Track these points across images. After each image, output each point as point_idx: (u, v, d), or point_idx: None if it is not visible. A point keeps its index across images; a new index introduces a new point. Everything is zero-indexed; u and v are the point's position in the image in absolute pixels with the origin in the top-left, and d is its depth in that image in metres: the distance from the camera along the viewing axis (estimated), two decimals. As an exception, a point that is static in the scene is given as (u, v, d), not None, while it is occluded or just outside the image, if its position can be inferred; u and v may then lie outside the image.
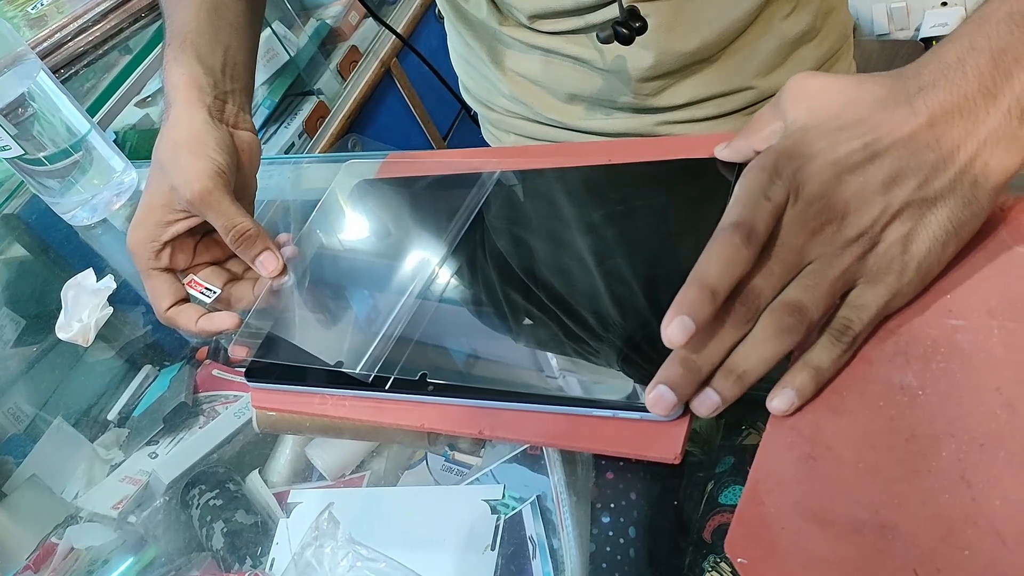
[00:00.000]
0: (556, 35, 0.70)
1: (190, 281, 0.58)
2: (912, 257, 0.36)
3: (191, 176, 0.54)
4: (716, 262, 0.36)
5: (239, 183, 0.59)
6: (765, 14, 0.68)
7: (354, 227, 0.61)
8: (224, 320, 0.56)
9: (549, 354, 0.45)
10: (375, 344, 0.48)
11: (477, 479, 0.52)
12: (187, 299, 0.58)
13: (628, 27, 0.62)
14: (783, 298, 0.37)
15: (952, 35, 0.38)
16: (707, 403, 0.37)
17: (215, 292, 0.58)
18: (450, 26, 0.81)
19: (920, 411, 0.35)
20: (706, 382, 0.37)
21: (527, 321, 0.47)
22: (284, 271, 0.57)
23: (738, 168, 0.46)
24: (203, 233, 0.60)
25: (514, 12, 0.70)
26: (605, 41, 0.63)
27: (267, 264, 0.56)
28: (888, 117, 0.37)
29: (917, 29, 1.72)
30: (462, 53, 0.82)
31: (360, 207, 0.61)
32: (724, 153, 0.46)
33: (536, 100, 0.76)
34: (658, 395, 0.37)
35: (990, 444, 0.32)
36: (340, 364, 0.49)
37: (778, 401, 0.37)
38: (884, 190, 0.36)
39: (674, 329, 0.35)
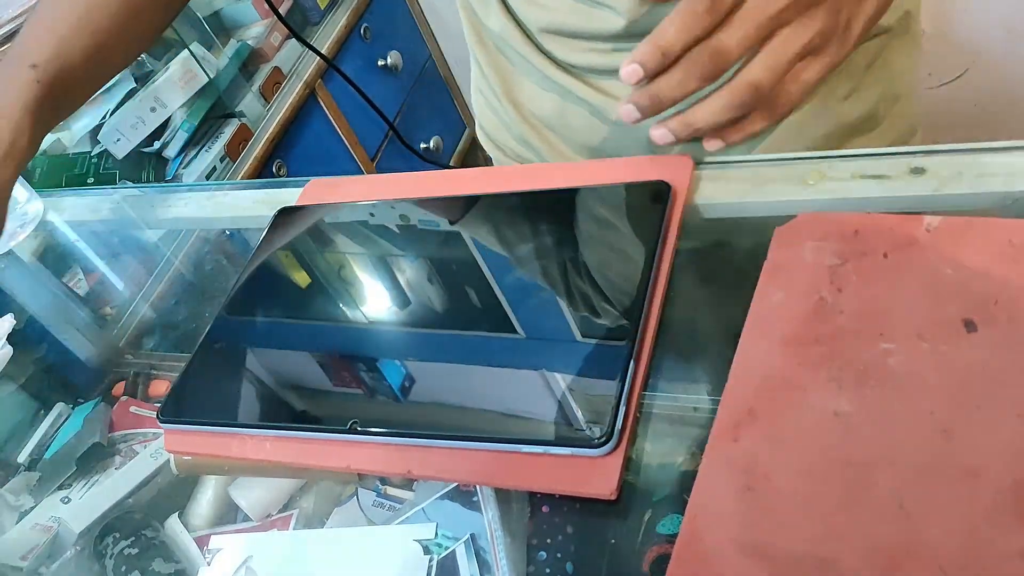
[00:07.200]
0: (572, 74, 0.64)
1: None
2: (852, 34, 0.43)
3: None
4: (673, 27, 0.40)
5: None
6: (821, 91, 0.60)
7: (282, 272, 0.59)
8: None
9: (479, 389, 0.43)
10: (304, 387, 0.46)
11: (408, 517, 0.50)
12: None
13: None
14: (746, 77, 0.41)
15: None
16: (658, 135, 0.44)
17: None
18: (472, 57, 0.75)
19: (855, 438, 0.34)
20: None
21: (455, 355, 0.46)
22: None
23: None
24: None
25: (527, 25, 0.65)
26: None
27: None
28: None
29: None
30: (479, 86, 0.76)
31: (285, 250, 0.59)
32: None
33: (547, 147, 0.71)
34: (627, 110, 0.43)
35: (927, 471, 0.32)
36: (264, 410, 0.47)
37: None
38: None
39: (627, 71, 0.42)
